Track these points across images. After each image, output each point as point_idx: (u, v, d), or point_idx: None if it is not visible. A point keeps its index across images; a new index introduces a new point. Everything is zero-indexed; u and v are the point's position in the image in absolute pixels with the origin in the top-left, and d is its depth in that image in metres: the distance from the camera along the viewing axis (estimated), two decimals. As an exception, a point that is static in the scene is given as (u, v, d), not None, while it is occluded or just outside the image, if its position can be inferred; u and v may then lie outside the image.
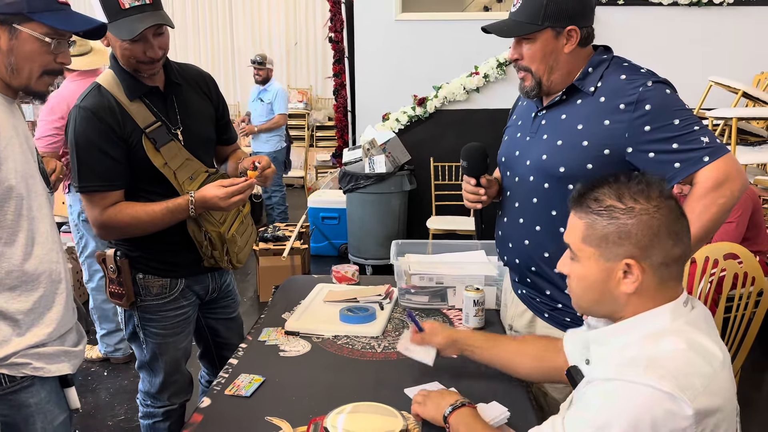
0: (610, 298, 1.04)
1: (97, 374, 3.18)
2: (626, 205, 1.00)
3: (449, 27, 4.70)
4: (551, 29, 1.44)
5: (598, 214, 1.02)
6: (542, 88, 1.50)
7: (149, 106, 1.70)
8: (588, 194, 1.05)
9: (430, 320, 1.58)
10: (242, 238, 1.87)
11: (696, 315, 1.02)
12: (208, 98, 1.88)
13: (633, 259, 0.99)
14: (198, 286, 1.87)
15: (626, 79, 1.41)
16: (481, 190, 1.61)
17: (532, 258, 1.54)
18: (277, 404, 1.38)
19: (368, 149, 4.48)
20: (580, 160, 1.42)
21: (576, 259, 1.07)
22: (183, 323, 1.86)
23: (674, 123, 1.34)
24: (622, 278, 1.01)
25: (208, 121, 1.88)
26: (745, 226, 2.92)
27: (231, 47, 9.39)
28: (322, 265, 4.91)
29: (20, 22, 1.21)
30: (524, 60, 1.49)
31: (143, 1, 1.56)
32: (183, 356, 1.91)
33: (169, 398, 1.90)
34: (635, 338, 1.00)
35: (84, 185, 1.65)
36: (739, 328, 2.28)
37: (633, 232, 0.99)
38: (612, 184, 1.03)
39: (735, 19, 4.54)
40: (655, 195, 1.00)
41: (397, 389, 1.44)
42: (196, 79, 1.86)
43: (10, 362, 1.22)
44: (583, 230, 1.04)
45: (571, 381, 1.12)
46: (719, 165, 1.32)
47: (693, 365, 0.92)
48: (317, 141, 9.03)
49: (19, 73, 1.24)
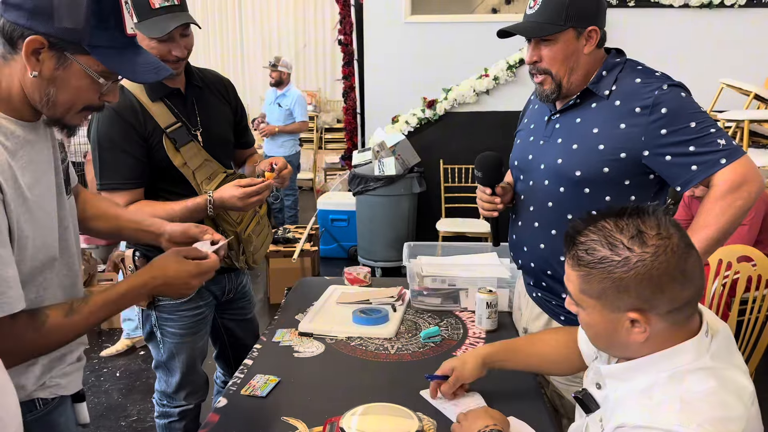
0: (622, 345, 0.97)
1: (109, 375, 3.20)
2: (621, 256, 0.90)
3: (459, 29, 4.71)
4: (573, 29, 1.43)
5: (592, 267, 0.93)
6: (562, 91, 1.49)
7: (170, 107, 1.74)
8: (578, 243, 0.96)
9: (443, 364, 1.44)
10: (258, 239, 1.89)
11: (718, 345, 0.95)
12: (227, 102, 1.92)
13: (637, 312, 0.91)
14: (215, 286, 1.89)
15: (641, 82, 1.41)
16: (497, 199, 1.61)
17: (548, 262, 1.54)
18: (292, 404, 1.39)
19: (378, 151, 4.49)
20: (597, 163, 1.42)
21: (579, 307, 1.00)
22: (200, 323, 1.88)
23: (691, 126, 1.34)
24: (631, 328, 0.93)
25: (227, 123, 1.91)
26: (758, 229, 2.91)
27: (240, 49, 9.45)
28: (332, 267, 4.91)
29: (74, 52, 1.01)
30: (544, 62, 1.47)
31: (172, 2, 1.62)
32: (199, 356, 1.93)
33: (185, 398, 1.91)
34: (660, 378, 0.92)
35: (105, 183, 1.69)
36: (753, 331, 2.27)
37: (631, 286, 0.90)
38: (603, 229, 0.94)
39: (746, 21, 4.52)
40: (652, 236, 0.91)
41: (412, 390, 1.44)
42: (216, 83, 1.90)
43: (44, 384, 1.17)
44: (578, 284, 0.97)
45: (582, 406, 1.08)
46: (736, 167, 1.32)
47: (727, 407, 0.87)
48: (326, 143, 9.06)
49: (56, 106, 1.05)
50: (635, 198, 1.43)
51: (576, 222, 0.99)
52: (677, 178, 1.37)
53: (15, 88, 1.04)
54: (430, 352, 1.67)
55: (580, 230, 0.97)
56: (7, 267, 0.98)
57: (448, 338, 1.76)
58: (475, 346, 1.70)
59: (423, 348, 1.69)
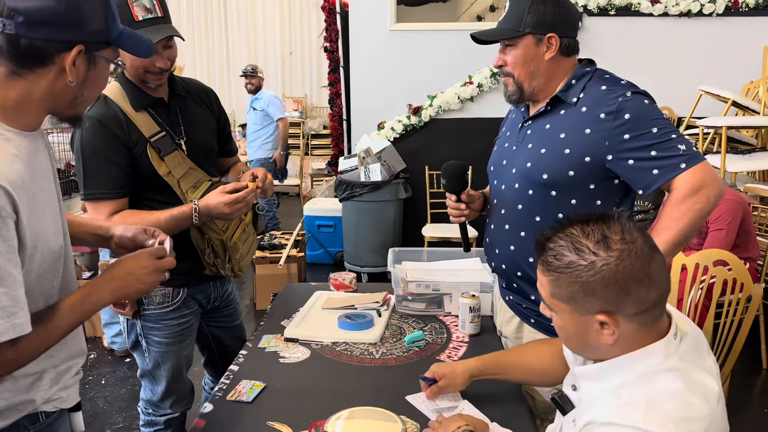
0: (593, 347, 1.01)
1: (94, 382, 3.19)
2: (587, 261, 0.94)
3: (443, 37, 4.76)
4: (532, 35, 1.51)
5: (561, 272, 0.96)
6: (524, 93, 1.56)
7: (154, 116, 1.75)
8: (547, 249, 0.99)
9: (433, 366, 1.47)
10: (244, 246, 1.91)
11: (687, 345, 0.98)
12: (210, 110, 1.93)
13: (604, 314, 0.95)
14: (200, 294, 1.90)
15: (606, 89, 1.46)
16: (462, 206, 1.67)
17: (518, 263, 1.59)
18: (278, 409, 1.41)
19: (364, 158, 4.52)
20: (563, 167, 1.47)
21: (553, 311, 1.03)
22: (185, 332, 1.88)
23: (652, 131, 1.39)
24: (600, 329, 0.96)
25: (211, 132, 1.93)
26: (735, 234, 2.97)
27: (226, 57, 9.44)
28: (318, 273, 4.93)
29: (100, 48, 1.08)
30: (507, 66, 1.56)
31: (155, 14, 1.63)
32: (185, 364, 1.93)
33: (170, 406, 1.92)
34: (629, 378, 0.96)
35: (89, 193, 1.68)
36: (728, 333, 2.32)
37: (598, 289, 0.93)
38: (570, 235, 0.97)
39: (724, 30, 4.62)
40: (617, 240, 0.94)
41: (396, 394, 1.47)
42: (199, 92, 1.92)
43: (49, 398, 1.17)
44: (549, 288, 1.00)
45: (558, 408, 1.11)
46: (696, 172, 1.37)
47: (691, 407, 0.90)
48: (312, 149, 9.08)
49: (84, 103, 1.13)
50: (600, 203, 1.49)
51: (545, 229, 1.02)
52: (639, 182, 1.42)
53: (30, 99, 1.05)
54: (414, 357, 1.69)
55: (550, 237, 1.00)
56: (20, 287, 0.99)
57: (432, 342, 1.78)
58: (458, 350, 1.73)
59: (407, 352, 1.72)
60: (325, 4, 5.73)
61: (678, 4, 4.55)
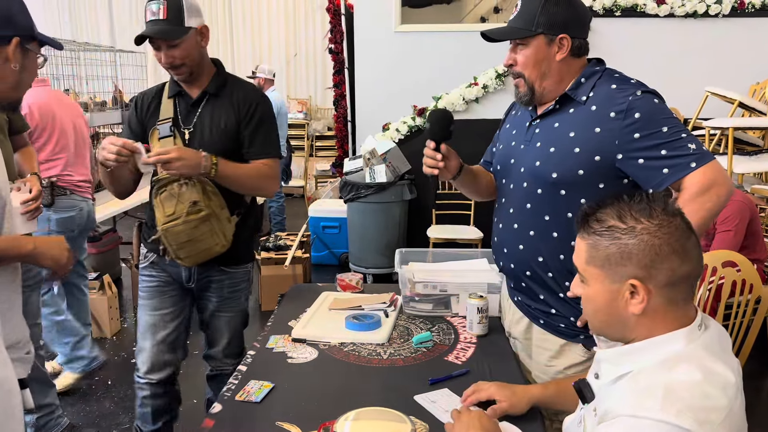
0: (619, 320, 1.02)
1: (101, 383, 3.20)
2: (627, 225, 0.99)
3: (449, 38, 4.77)
4: (544, 36, 1.50)
5: (600, 234, 1.01)
6: (535, 94, 1.55)
7: (176, 104, 1.99)
8: (591, 215, 1.04)
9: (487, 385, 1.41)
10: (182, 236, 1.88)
11: (710, 336, 1.00)
12: (236, 118, 1.96)
13: (637, 279, 0.98)
14: (172, 267, 2.04)
15: (616, 88, 1.46)
16: (439, 156, 1.62)
17: (527, 262, 1.58)
18: (287, 410, 1.41)
19: (369, 159, 4.52)
20: (572, 166, 1.47)
21: (584, 282, 1.06)
22: (153, 292, 2.06)
23: (663, 130, 1.39)
24: (629, 299, 0.99)
25: (224, 135, 1.95)
26: (743, 235, 2.96)
27: (231, 58, 9.46)
28: (323, 274, 4.93)
29: (29, 41, 1.39)
30: (518, 66, 1.55)
31: (158, 17, 1.84)
32: (156, 326, 2.06)
33: (146, 372, 2.08)
34: (649, 364, 0.98)
35: None
36: (737, 335, 2.31)
37: (634, 252, 0.98)
38: (614, 204, 1.02)
39: (731, 31, 4.61)
40: (659, 213, 0.99)
41: (405, 395, 1.46)
42: (239, 98, 1.97)
43: None
44: (586, 252, 1.04)
45: (579, 395, 1.12)
46: (706, 171, 1.36)
47: (709, 398, 0.91)
48: (317, 151, 9.08)
49: (23, 87, 1.43)
50: None
51: (592, 202, 1.07)
52: (649, 181, 1.41)
53: None
54: (422, 357, 1.69)
55: (594, 207, 1.04)
56: None
57: (440, 343, 1.78)
58: (466, 351, 1.73)
59: (415, 353, 1.72)
60: (330, 6, 5.73)
61: (684, 5, 4.55)
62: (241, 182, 1.94)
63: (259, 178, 1.97)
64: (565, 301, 1.53)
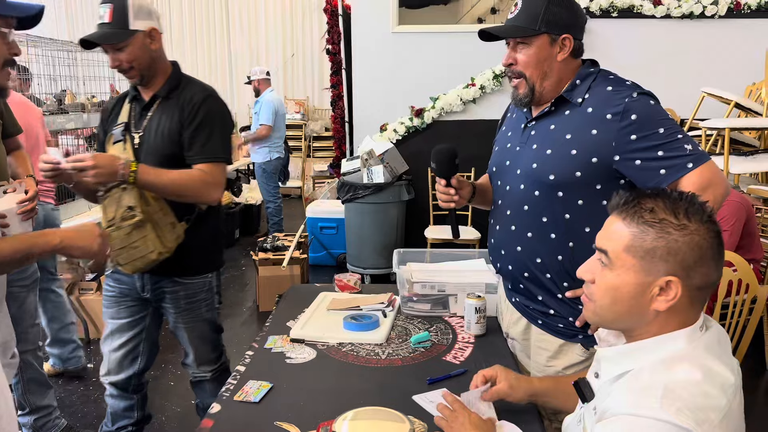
0: (638, 313, 1.01)
1: (98, 385, 3.18)
2: (680, 222, 0.97)
3: (446, 39, 4.78)
4: (548, 35, 1.50)
5: (651, 225, 0.99)
6: (534, 95, 1.55)
7: (131, 109, 2.01)
8: (641, 203, 1.02)
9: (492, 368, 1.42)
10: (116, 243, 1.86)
11: (710, 337, 1.01)
12: (180, 121, 1.91)
13: (676, 277, 0.97)
14: (126, 277, 2.04)
15: (612, 90, 1.47)
16: (452, 191, 1.66)
17: (525, 264, 1.59)
18: (285, 410, 1.41)
19: (366, 159, 4.53)
20: (569, 168, 1.47)
21: (610, 267, 1.03)
22: (111, 300, 2.08)
23: (659, 132, 1.40)
24: (657, 295, 0.98)
25: (168, 139, 1.92)
26: (739, 235, 2.97)
27: (228, 59, 9.45)
28: (321, 275, 4.93)
29: None
30: (518, 65, 1.55)
31: (104, 20, 1.85)
32: (113, 334, 2.09)
33: (104, 375, 2.12)
34: (650, 363, 0.98)
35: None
36: (733, 335, 2.32)
37: (683, 250, 0.97)
38: (667, 198, 1.01)
39: (727, 31, 4.63)
40: (706, 217, 0.99)
41: (403, 395, 1.47)
42: (184, 101, 1.93)
43: None
44: (629, 239, 1.00)
45: (579, 394, 1.12)
46: (703, 171, 1.37)
47: (709, 397, 0.91)
48: (314, 151, 9.08)
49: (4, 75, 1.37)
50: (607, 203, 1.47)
51: (634, 190, 1.07)
52: (646, 182, 1.42)
53: None
54: (420, 357, 1.70)
55: (643, 195, 1.03)
56: None
57: (438, 343, 1.79)
58: (464, 351, 1.73)
59: (413, 353, 1.72)
60: (327, 7, 5.73)
61: (680, 6, 4.56)
62: (168, 190, 1.85)
63: (193, 184, 1.86)
64: (564, 302, 1.54)
